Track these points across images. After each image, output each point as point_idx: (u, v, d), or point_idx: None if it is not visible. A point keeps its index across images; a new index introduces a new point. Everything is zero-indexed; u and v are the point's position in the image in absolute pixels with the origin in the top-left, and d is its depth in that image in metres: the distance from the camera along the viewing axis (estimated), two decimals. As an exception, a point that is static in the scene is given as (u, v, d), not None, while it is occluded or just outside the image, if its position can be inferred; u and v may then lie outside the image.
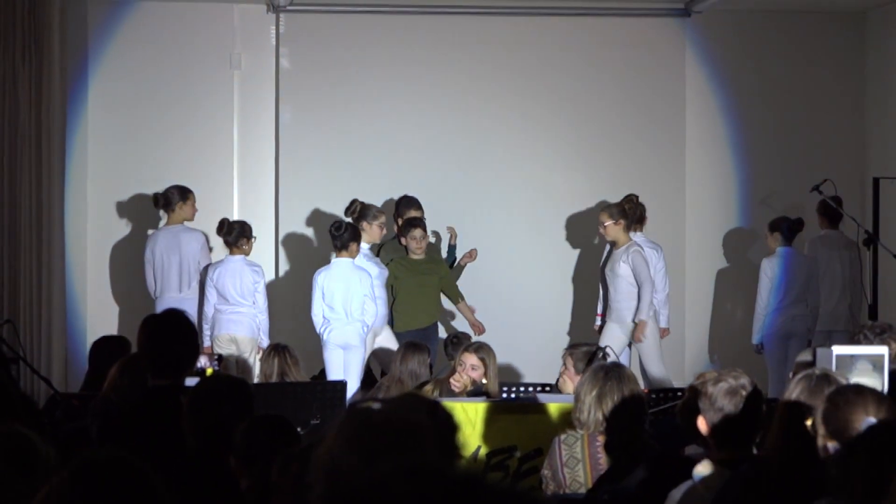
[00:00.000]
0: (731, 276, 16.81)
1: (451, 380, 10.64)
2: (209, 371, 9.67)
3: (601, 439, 7.40)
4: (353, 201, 14.36)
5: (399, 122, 16.26)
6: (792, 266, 14.62)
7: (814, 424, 5.84)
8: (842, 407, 5.75)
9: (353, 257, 14.01)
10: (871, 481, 4.86)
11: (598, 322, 14.78)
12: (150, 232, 15.00)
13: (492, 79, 16.37)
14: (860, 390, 5.96)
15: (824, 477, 5.44)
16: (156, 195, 14.66)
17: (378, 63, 16.29)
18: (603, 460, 7.28)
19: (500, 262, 15.71)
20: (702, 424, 6.49)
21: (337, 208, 15.17)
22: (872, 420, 5.58)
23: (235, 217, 14.91)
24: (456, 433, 3.77)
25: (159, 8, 15.97)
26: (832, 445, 5.61)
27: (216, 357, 10.90)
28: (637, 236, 14.94)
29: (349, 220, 14.21)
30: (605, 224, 14.22)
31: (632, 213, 14.66)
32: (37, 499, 3.66)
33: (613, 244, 14.47)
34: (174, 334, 7.42)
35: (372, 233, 14.02)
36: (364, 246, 14.19)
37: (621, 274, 14.31)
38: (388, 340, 14.06)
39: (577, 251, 16.61)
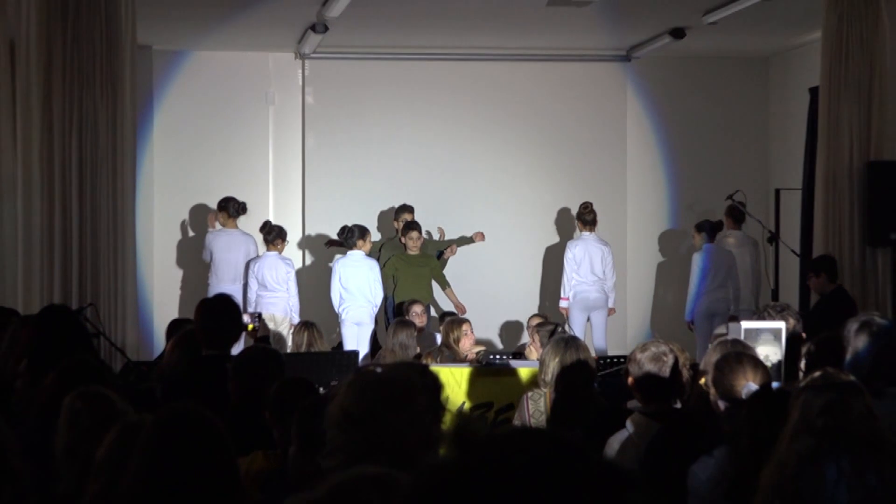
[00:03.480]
0: (665, 267, 16.84)
1: (460, 347, 10.71)
2: (250, 326, 9.59)
3: (558, 395, 7.42)
4: (344, 227, 14.31)
5: (401, 145, 16.26)
6: (715, 259, 14.60)
7: (706, 385, 5.87)
8: (726, 374, 5.76)
9: (364, 251, 14.14)
10: (754, 436, 4.88)
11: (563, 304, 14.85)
12: (216, 227, 14.96)
13: (475, 111, 16.36)
14: (740, 359, 5.92)
15: (720, 428, 5.47)
16: (225, 201, 14.75)
17: (384, 99, 16.28)
18: (561, 413, 7.28)
19: (480, 255, 15.67)
20: (631, 383, 6.52)
21: (350, 214, 15.15)
22: (751, 383, 5.59)
23: (274, 219, 14.91)
24: (441, 391, 3.78)
25: (209, 57, 15.97)
26: (722, 404, 5.64)
27: (256, 315, 10.85)
28: (590, 235, 14.99)
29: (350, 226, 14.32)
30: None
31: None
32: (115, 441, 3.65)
33: None
34: (223, 313, 7.43)
35: (365, 247, 14.09)
36: (360, 253, 14.21)
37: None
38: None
39: (543, 246, 16.62)
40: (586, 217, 15.06)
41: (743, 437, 4.99)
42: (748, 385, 5.54)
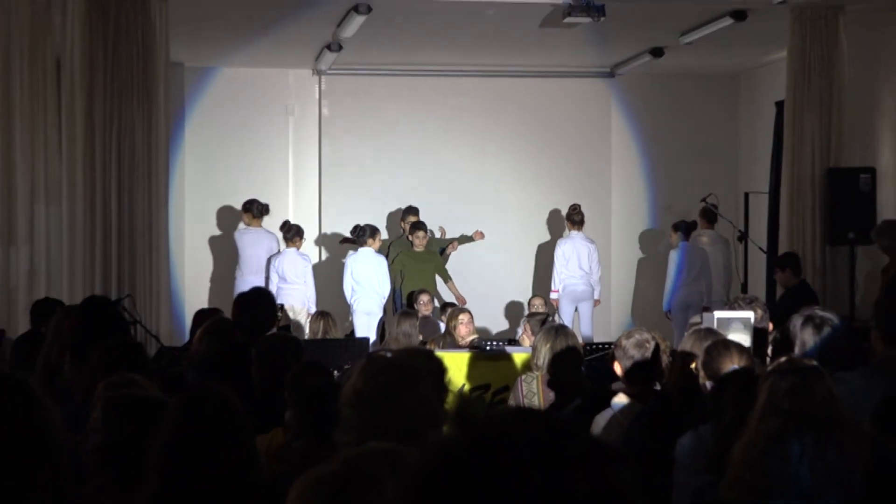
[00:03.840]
0: (645, 263, 16.85)
1: (457, 333, 10.72)
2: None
3: (549, 378, 7.42)
4: (356, 226, 14.37)
5: (407, 152, 16.27)
6: (690, 255, 14.61)
7: (696, 368, 5.88)
8: (715, 357, 5.79)
9: (374, 248, 14.19)
10: (735, 411, 4.89)
11: (553, 296, 14.88)
12: (241, 226, 15.04)
13: (474, 122, 16.39)
14: (727, 345, 5.97)
15: (705, 407, 5.47)
16: (249, 203, 14.80)
17: (392, 111, 16.30)
18: (551, 394, 7.28)
19: (479, 252, 15.68)
20: (617, 367, 6.51)
21: (361, 214, 15.14)
22: (736, 366, 5.62)
23: (292, 219, 14.94)
24: (444, 374, 3.79)
25: (235, 73, 15.97)
26: (709, 384, 5.65)
27: (279, 306, 10.88)
28: (578, 234, 15.03)
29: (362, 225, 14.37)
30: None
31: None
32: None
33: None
34: (258, 305, 7.45)
35: (374, 245, 14.13)
36: (370, 250, 14.25)
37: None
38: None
39: (536, 244, 16.64)
40: (574, 217, 15.11)
41: (726, 414, 5.00)
42: (733, 368, 5.56)
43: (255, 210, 14.76)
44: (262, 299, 7.57)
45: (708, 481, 4.91)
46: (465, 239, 15.38)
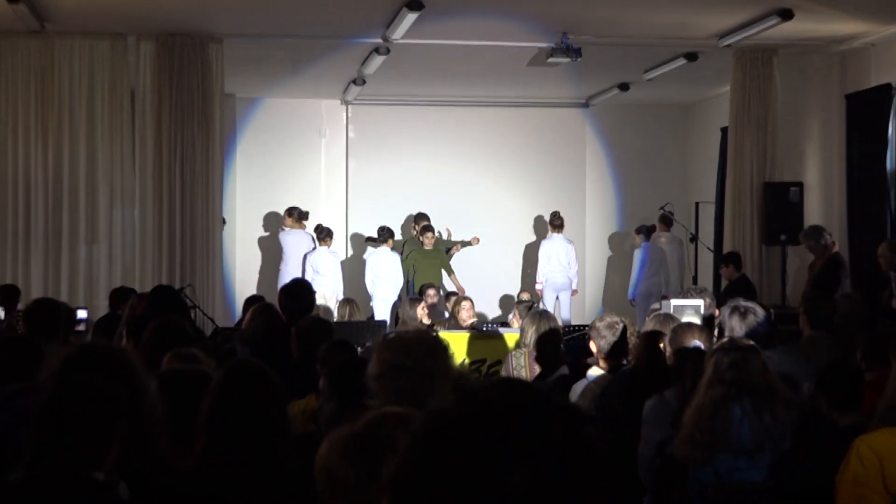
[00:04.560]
0: (614, 260, 16.82)
1: (459, 318, 10.70)
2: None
3: (535, 355, 7.42)
4: (381, 228, 14.60)
5: (419, 168, 16.21)
6: (650, 254, 14.64)
7: (664, 346, 5.88)
8: (679, 335, 5.80)
9: (389, 247, 14.38)
10: (695, 378, 4.88)
11: (538, 287, 14.89)
12: (284, 228, 15.04)
13: (473, 144, 16.35)
14: (690, 326, 6.05)
15: (669, 375, 5.47)
16: (291, 209, 14.86)
17: (406, 134, 16.27)
18: (536, 367, 7.28)
19: (476, 251, 15.66)
20: (592, 346, 6.51)
21: (381, 219, 15.16)
22: (696, 341, 5.62)
23: (324, 222, 14.95)
24: (448, 349, 3.76)
25: (277, 102, 15.96)
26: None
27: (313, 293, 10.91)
28: (558, 236, 15.04)
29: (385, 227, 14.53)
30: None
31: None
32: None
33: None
34: (301, 293, 7.45)
35: (390, 244, 14.30)
36: (386, 248, 14.46)
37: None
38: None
39: (523, 244, 16.62)
40: (555, 222, 15.17)
41: (687, 380, 5.00)
42: (694, 342, 5.58)
43: (297, 215, 14.90)
44: (303, 289, 7.57)
45: (669, 434, 4.92)
46: (465, 243, 15.44)
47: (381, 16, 11.01)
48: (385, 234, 14.54)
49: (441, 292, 13.87)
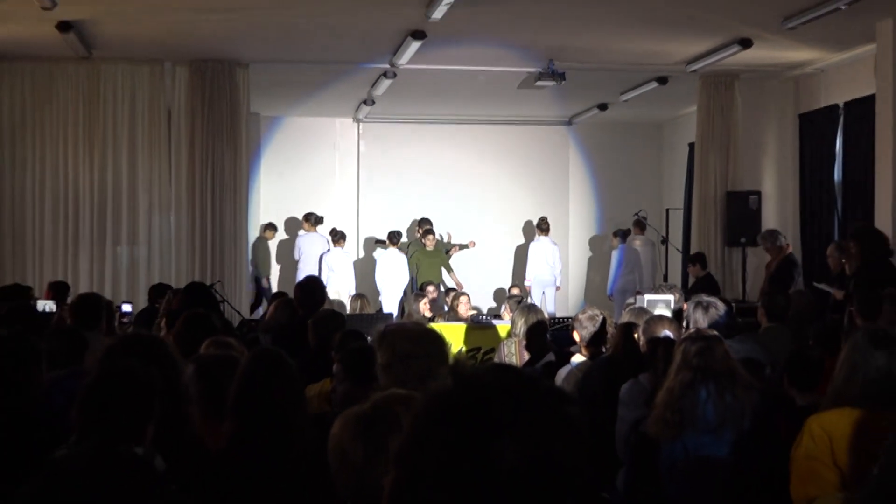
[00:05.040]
0: (594, 259, 16.82)
1: (458, 311, 10.68)
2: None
3: (525, 343, 7.41)
4: (390, 232, 14.67)
5: (422, 178, 16.21)
6: (626, 254, 14.64)
7: (638, 336, 5.87)
8: (651, 326, 5.78)
9: (397, 248, 14.44)
10: (665, 363, 4.87)
11: (527, 283, 14.88)
12: (300, 233, 15.01)
13: (470, 156, 16.34)
14: (661, 318, 6.03)
15: (643, 362, 5.46)
16: (308, 214, 14.80)
17: (411, 148, 16.26)
18: (525, 354, 7.27)
19: (473, 252, 15.64)
20: (575, 335, 6.50)
21: (389, 223, 15.19)
22: (667, 331, 5.61)
23: (338, 226, 14.95)
24: (444, 339, 3.74)
25: (296, 120, 15.96)
26: (647, 346, 5.64)
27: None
28: (545, 238, 15.03)
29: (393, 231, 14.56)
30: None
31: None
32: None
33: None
34: (314, 288, 7.44)
35: (397, 246, 14.32)
36: (394, 249, 14.53)
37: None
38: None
39: (514, 245, 16.62)
40: (542, 226, 15.15)
41: (660, 365, 4.99)
42: (665, 332, 5.58)
43: (313, 220, 14.89)
44: (316, 285, 7.55)
45: (642, 414, 4.91)
46: (462, 246, 15.42)
47: (389, 44, 11.02)
48: (395, 236, 14.63)
49: (441, 288, 13.87)
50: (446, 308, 12.07)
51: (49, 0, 8.93)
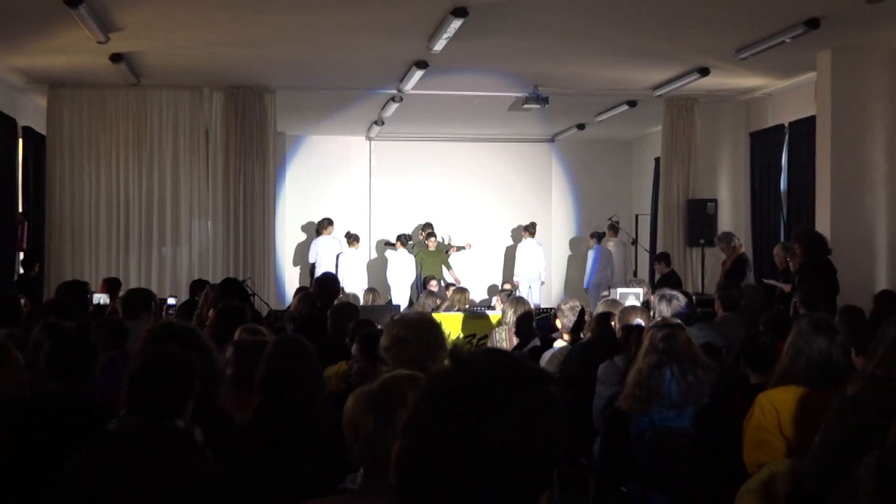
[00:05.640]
0: (573, 258, 16.79)
1: (457, 303, 10.64)
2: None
3: (514, 330, 7.40)
4: (400, 235, 14.65)
5: (426, 187, 16.17)
6: (601, 254, 14.63)
7: (614, 323, 5.86)
8: (625, 315, 5.78)
9: (405, 249, 14.35)
10: (637, 347, 4.86)
11: (515, 279, 14.86)
12: (316, 238, 14.96)
13: (466, 170, 16.30)
14: (634, 308, 6.02)
15: (617, 346, 5.45)
16: (326, 220, 14.69)
17: (416, 162, 16.21)
18: (515, 340, 7.27)
19: (469, 253, 15.62)
20: (558, 323, 6.49)
21: (397, 227, 15.17)
22: (639, 319, 5.60)
23: (352, 230, 14.92)
24: (441, 327, 3.73)
25: (316, 139, 15.93)
26: (622, 332, 5.63)
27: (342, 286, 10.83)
28: (531, 240, 15.01)
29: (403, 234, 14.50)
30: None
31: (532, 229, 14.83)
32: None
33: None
34: (330, 283, 7.43)
35: (405, 247, 14.28)
36: (403, 250, 14.44)
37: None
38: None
39: (504, 246, 16.60)
40: (530, 229, 15.14)
41: (631, 349, 4.98)
42: (636, 320, 5.57)
43: (327, 224, 14.75)
44: (330, 280, 7.54)
45: (616, 391, 4.90)
46: (459, 248, 15.36)
47: (396, 72, 11.01)
48: (403, 239, 14.60)
49: (442, 283, 13.86)
50: (445, 300, 12.06)
51: (103, 35, 8.94)
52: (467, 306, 10.79)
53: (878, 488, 2.43)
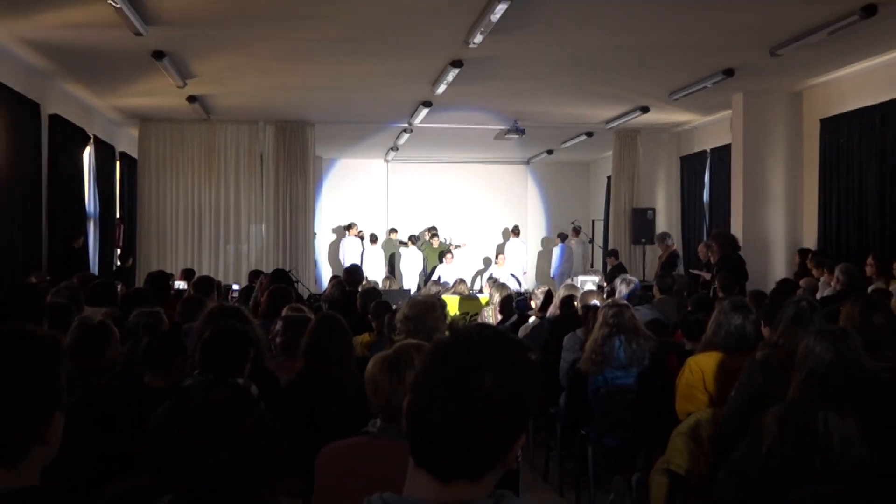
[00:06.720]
0: (543, 253, 16.73)
1: (458, 289, 10.57)
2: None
3: (499, 309, 7.37)
4: (411, 235, 14.53)
5: (432, 199, 16.12)
6: (565, 250, 14.60)
7: (577, 304, 5.83)
8: (585, 297, 5.75)
9: (416, 247, 14.26)
10: (594, 322, 4.83)
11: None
12: (346, 237, 14.89)
13: (461, 183, 16.25)
14: (592, 292, 5.97)
15: (578, 321, 5.43)
16: (350, 224, 14.63)
17: (424, 180, 16.15)
18: (499, 316, 7.25)
19: (465, 251, 15.56)
20: (532, 303, 6.47)
21: (409, 230, 15.10)
22: (595, 301, 5.57)
23: (374, 232, 14.87)
24: (444, 307, 3.71)
25: (345, 161, 15.85)
26: (582, 310, 5.60)
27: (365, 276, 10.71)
28: (515, 239, 14.97)
29: (415, 234, 14.42)
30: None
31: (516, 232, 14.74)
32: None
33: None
34: (356, 272, 7.40)
35: (415, 245, 14.24)
36: (414, 248, 14.33)
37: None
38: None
39: (493, 245, 16.54)
40: (515, 231, 15.10)
41: (589, 323, 4.96)
42: (593, 301, 5.55)
43: (350, 227, 14.66)
44: (356, 270, 7.54)
45: (578, 356, 4.88)
46: (456, 246, 15.21)
47: (407, 110, 11.00)
48: (415, 239, 14.59)
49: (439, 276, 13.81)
50: (448, 286, 12.01)
51: (182, 81, 8.94)
52: (464, 291, 10.78)
53: (780, 433, 2.46)
